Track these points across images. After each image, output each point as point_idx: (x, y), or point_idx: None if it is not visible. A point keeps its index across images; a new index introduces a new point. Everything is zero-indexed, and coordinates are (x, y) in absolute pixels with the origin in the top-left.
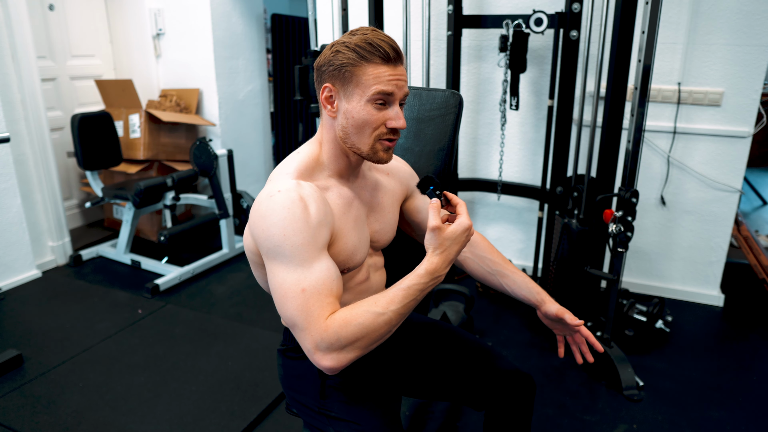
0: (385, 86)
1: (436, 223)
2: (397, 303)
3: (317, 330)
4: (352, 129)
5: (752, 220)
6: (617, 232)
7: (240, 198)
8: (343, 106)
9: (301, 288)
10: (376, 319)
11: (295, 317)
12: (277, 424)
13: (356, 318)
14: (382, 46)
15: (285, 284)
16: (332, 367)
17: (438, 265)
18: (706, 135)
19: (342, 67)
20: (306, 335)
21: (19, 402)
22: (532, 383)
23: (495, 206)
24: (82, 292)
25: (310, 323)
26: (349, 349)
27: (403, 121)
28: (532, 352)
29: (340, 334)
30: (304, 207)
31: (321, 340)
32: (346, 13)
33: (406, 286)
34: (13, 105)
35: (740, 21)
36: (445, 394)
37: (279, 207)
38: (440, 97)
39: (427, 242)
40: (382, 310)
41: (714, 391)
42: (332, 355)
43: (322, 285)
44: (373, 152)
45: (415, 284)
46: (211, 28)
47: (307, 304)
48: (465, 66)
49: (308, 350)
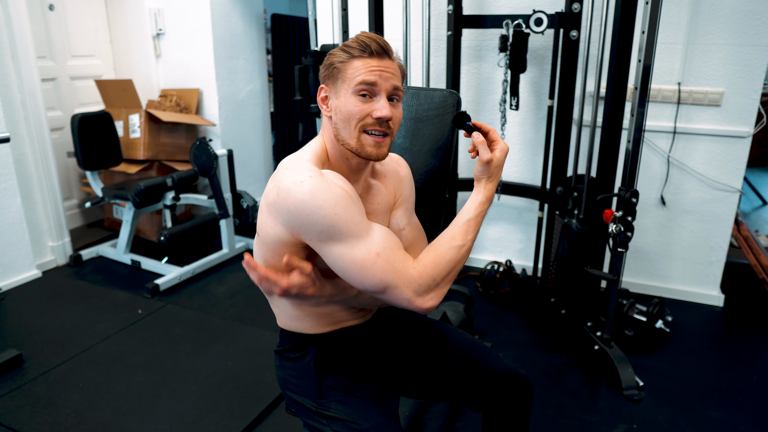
0: (366, 76)
1: (488, 156)
2: (471, 232)
3: (412, 279)
4: (341, 123)
5: (752, 220)
6: (617, 232)
7: (240, 198)
8: (334, 103)
9: (375, 253)
10: (459, 251)
11: (384, 279)
12: (277, 424)
13: (444, 256)
14: (366, 41)
15: (357, 259)
16: (435, 305)
17: (492, 190)
18: (706, 135)
19: (331, 66)
20: (402, 289)
21: (19, 402)
22: (529, 384)
23: (495, 206)
24: (82, 292)
25: (401, 278)
26: (443, 284)
27: (388, 110)
28: (532, 352)
29: (434, 274)
30: (340, 185)
31: (419, 286)
32: (346, 13)
33: (474, 215)
34: (13, 105)
35: (740, 21)
36: (443, 395)
37: (317, 188)
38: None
39: (479, 173)
40: (461, 242)
41: (714, 391)
42: (432, 294)
43: (389, 242)
44: (360, 146)
45: (482, 211)
46: (211, 28)
47: (388, 263)
48: (465, 66)
49: (408, 300)
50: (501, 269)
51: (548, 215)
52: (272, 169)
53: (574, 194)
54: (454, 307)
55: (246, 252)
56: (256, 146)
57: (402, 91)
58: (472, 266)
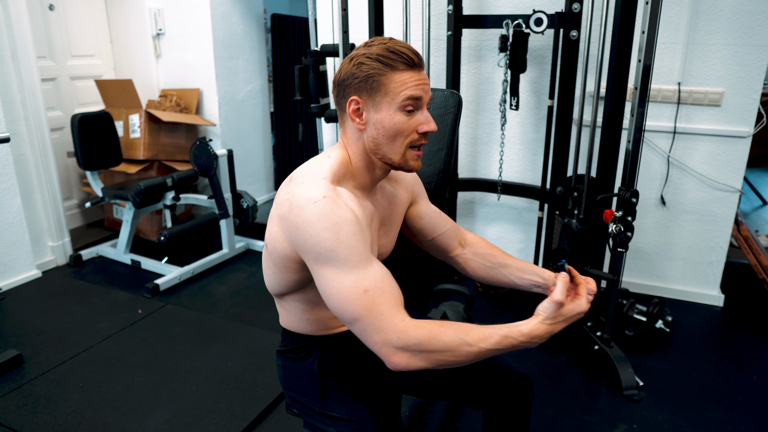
0: (413, 91)
1: (560, 298)
2: (488, 344)
3: (393, 329)
4: (384, 139)
5: (752, 220)
6: (617, 232)
7: (240, 198)
8: (373, 116)
9: (363, 289)
10: (461, 347)
11: (362, 315)
12: (277, 424)
13: (443, 336)
14: (405, 52)
15: (344, 288)
16: (401, 366)
17: (542, 332)
18: (706, 135)
19: (368, 78)
20: (377, 334)
21: (19, 402)
22: (530, 383)
23: (495, 206)
24: (82, 292)
25: (381, 321)
26: (423, 357)
27: (434, 123)
28: (532, 352)
29: (422, 342)
30: (351, 210)
31: (397, 339)
32: (346, 13)
33: (503, 334)
34: (13, 105)
35: (740, 21)
36: (444, 393)
37: (328, 212)
38: (439, 97)
39: (542, 309)
40: (471, 341)
41: (714, 391)
42: (405, 355)
43: (384, 284)
44: (404, 161)
45: (513, 339)
46: (211, 28)
47: (374, 303)
48: (465, 66)
49: (377, 345)
50: None
51: (548, 215)
52: (272, 169)
53: (574, 194)
54: (454, 307)
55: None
56: (256, 146)
57: None
58: None
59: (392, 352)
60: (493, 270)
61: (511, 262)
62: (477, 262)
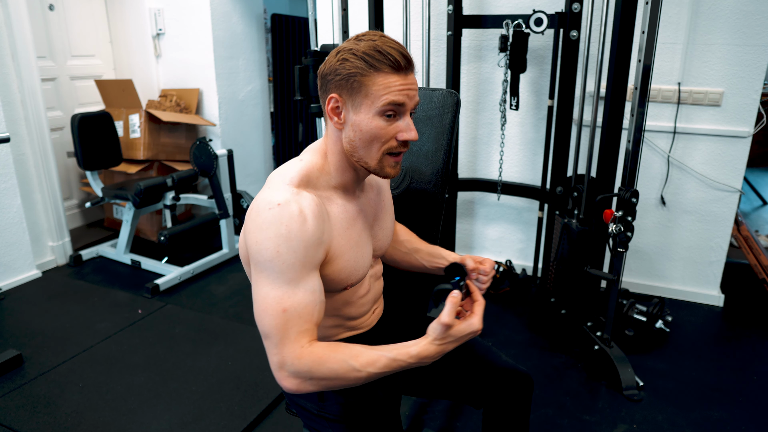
0: (396, 96)
1: (448, 319)
2: (375, 368)
3: (290, 354)
4: (360, 142)
5: (752, 220)
6: (617, 232)
7: (240, 198)
8: (351, 117)
9: (282, 308)
10: (349, 373)
11: (271, 334)
12: (277, 424)
13: (331, 362)
14: (392, 53)
15: (267, 299)
16: (291, 390)
17: (431, 353)
18: (706, 135)
19: (350, 77)
20: (277, 353)
21: (19, 402)
22: (529, 381)
23: (495, 206)
24: (82, 292)
25: (284, 344)
26: (313, 383)
27: (415, 132)
28: (532, 352)
29: (312, 368)
30: (302, 223)
31: (291, 364)
32: (346, 13)
33: (392, 357)
34: (13, 105)
35: (740, 21)
36: (444, 392)
37: (277, 222)
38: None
39: (431, 330)
40: (359, 366)
41: (714, 391)
42: (295, 381)
43: (303, 309)
44: (380, 167)
45: (401, 360)
46: (211, 28)
47: (286, 325)
48: (465, 66)
49: (274, 365)
50: (501, 269)
51: (548, 215)
52: (272, 169)
53: (574, 194)
54: None
55: None
56: (256, 146)
57: None
58: None
59: (284, 376)
60: (407, 255)
61: (422, 247)
62: (395, 249)
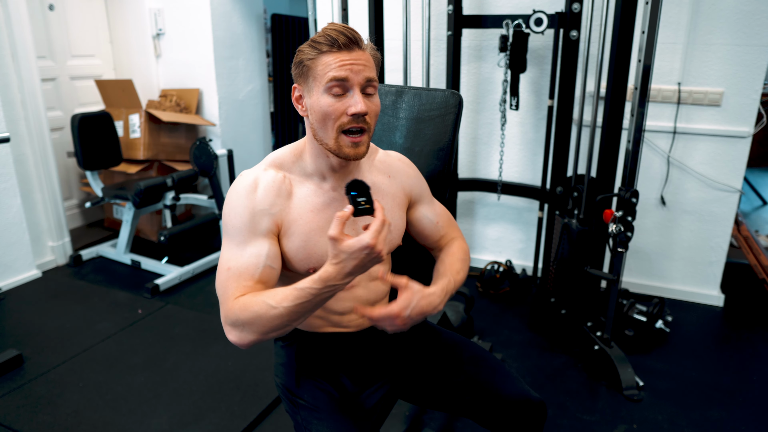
0: (336, 72)
1: (333, 233)
2: (289, 301)
3: (226, 307)
4: (317, 123)
5: (752, 220)
6: (617, 232)
7: None
8: (307, 102)
9: (227, 266)
10: (269, 311)
11: (218, 291)
12: (277, 424)
13: (253, 305)
14: (332, 34)
15: (222, 259)
16: (235, 342)
17: (332, 274)
18: (706, 135)
19: (300, 64)
20: (222, 312)
21: (19, 402)
22: (543, 409)
23: (495, 206)
24: (82, 292)
25: (224, 300)
26: (247, 330)
27: (363, 105)
28: (532, 352)
29: (239, 315)
30: (251, 191)
31: (226, 317)
32: (346, 13)
33: (300, 287)
34: (13, 105)
35: (740, 21)
36: (450, 409)
37: (233, 190)
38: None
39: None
40: (275, 304)
41: (714, 391)
42: (234, 331)
43: (245, 269)
44: (338, 147)
45: (308, 288)
46: (211, 28)
47: (227, 281)
48: (465, 66)
49: (222, 321)
50: (501, 269)
51: (548, 215)
52: None
53: (574, 194)
54: (454, 308)
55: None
56: (256, 146)
57: (377, 82)
58: (472, 266)
59: (227, 329)
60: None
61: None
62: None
